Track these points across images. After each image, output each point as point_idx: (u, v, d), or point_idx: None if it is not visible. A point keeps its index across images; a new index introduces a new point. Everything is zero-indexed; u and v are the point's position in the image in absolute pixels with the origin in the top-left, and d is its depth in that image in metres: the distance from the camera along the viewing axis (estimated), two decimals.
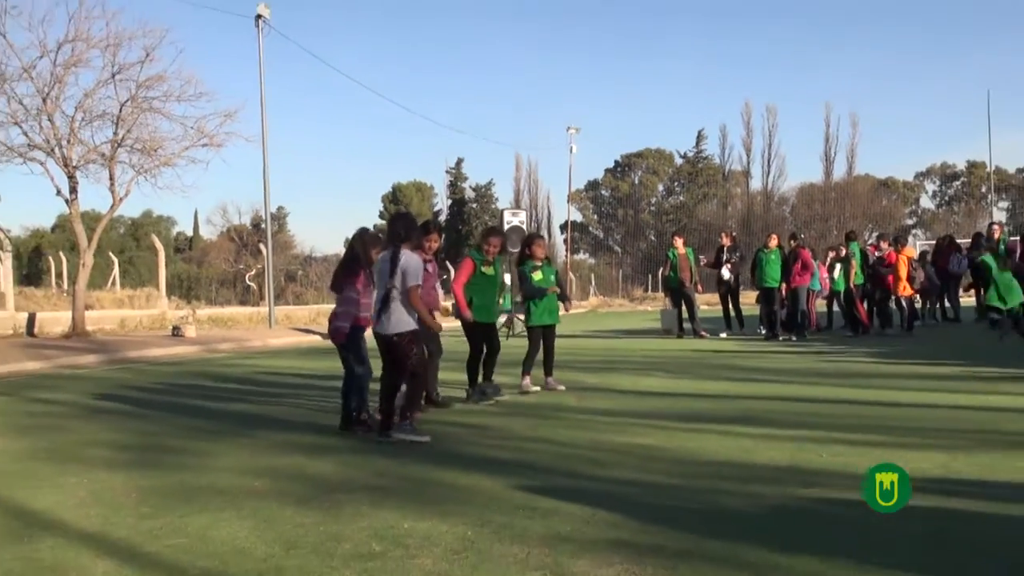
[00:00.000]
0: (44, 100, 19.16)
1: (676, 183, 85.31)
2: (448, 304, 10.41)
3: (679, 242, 19.96)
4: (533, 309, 10.13)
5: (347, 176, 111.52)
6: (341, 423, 7.74)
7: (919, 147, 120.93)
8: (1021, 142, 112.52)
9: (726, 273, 19.66)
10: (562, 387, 10.17)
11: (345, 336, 7.73)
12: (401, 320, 7.13)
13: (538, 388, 10.10)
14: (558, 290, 10.32)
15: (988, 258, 15.75)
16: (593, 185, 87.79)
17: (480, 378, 9.59)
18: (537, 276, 10.14)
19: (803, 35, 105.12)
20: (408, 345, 7.15)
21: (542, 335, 10.19)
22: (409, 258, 7.11)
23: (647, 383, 10.81)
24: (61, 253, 31.85)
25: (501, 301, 10.48)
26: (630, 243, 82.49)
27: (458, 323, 9.71)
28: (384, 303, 7.13)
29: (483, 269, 9.55)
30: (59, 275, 31.49)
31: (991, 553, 3.93)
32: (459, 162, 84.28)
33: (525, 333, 10.52)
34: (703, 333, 19.14)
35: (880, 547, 4.03)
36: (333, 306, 7.98)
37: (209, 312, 27.16)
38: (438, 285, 9.15)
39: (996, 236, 17.62)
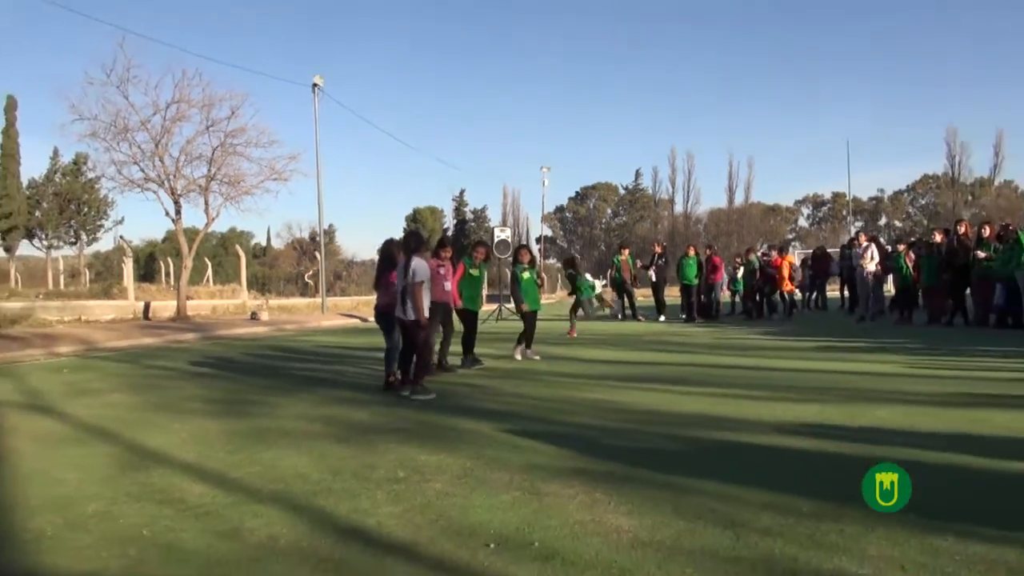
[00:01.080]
0: (156, 145, 19.08)
1: (620, 208, 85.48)
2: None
3: (624, 252, 20.10)
4: (525, 300, 10.17)
5: (379, 201, 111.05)
6: (384, 383, 7.73)
7: (797, 181, 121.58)
8: (871, 178, 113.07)
9: (652, 276, 19.80)
10: (537, 357, 10.15)
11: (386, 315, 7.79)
12: (409, 310, 7.18)
13: (538, 357, 10.12)
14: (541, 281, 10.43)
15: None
16: (560, 209, 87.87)
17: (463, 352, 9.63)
18: (526, 275, 10.21)
19: (714, 95, 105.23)
20: (418, 327, 7.17)
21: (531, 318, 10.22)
22: (417, 263, 7.15)
23: (600, 354, 10.82)
24: (168, 258, 31.64)
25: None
26: (587, 252, 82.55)
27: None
28: (402, 296, 7.19)
29: (471, 271, 9.63)
30: (167, 275, 31.28)
31: (853, 475, 3.95)
32: (462, 192, 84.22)
33: (514, 316, 10.55)
34: (640, 318, 19.17)
35: (772, 474, 4.04)
36: (371, 296, 8.02)
37: (278, 302, 27.06)
38: (448, 284, 9.14)
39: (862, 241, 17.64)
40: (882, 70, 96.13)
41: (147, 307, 20.10)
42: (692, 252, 18.75)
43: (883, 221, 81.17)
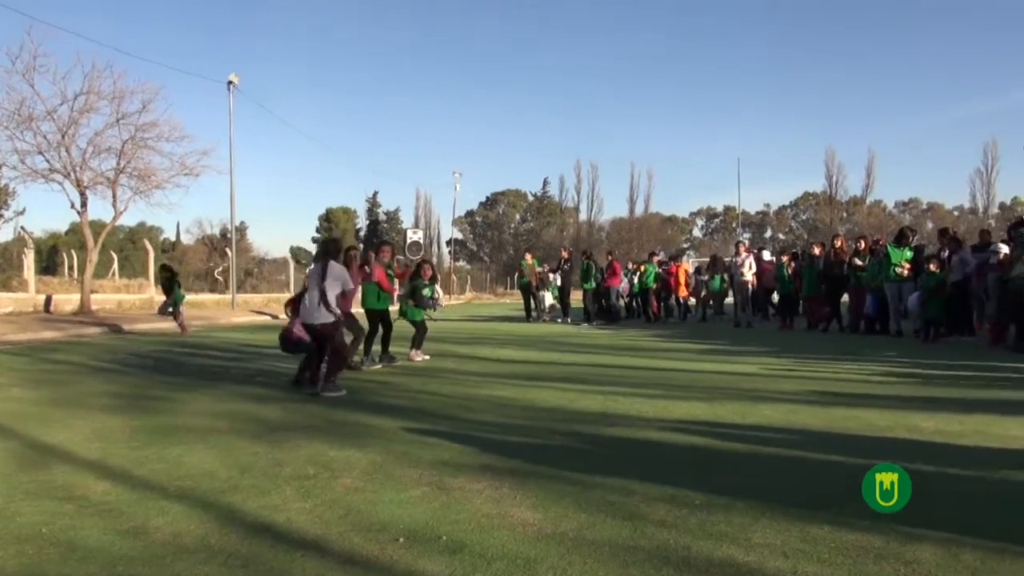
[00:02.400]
0: (63, 136, 18.05)
1: (528, 214, 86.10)
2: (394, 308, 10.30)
3: (529, 256, 20.36)
4: (414, 309, 10.06)
5: (292, 200, 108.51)
6: (295, 377, 7.53)
7: (693, 194, 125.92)
8: (759, 193, 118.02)
9: (558, 279, 20.02)
10: (427, 356, 10.07)
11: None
12: (323, 313, 7.09)
13: (428, 356, 10.03)
14: (440, 302, 10.35)
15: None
16: (470, 213, 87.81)
17: (382, 350, 9.53)
18: (426, 292, 10.12)
19: (617, 108, 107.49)
20: (333, 329, 7.09)
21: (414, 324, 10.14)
22: (339, 269, 7.16)
23: (504, 353, 10.87)
24: (72, 251, 29.96)
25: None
26: (496, 255, 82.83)
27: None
28: (315, 300, 7.07)
29: (388, 271, 9.56)
30: (71, 268, 29.62)
31: (743, 471, 4.08)
32: (375, 194, 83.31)
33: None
34: (545, 318, 19.43)
35: (667, 468, 4.13)
36: (279, 294, 7.86)
37: (187, 298, 26.05)
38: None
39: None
40: (771, 92, 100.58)
41: (48, 300, 18.99)
42: (584, 258, 19.42)
43: (768, 233, 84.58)
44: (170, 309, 15.50)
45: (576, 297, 21.32)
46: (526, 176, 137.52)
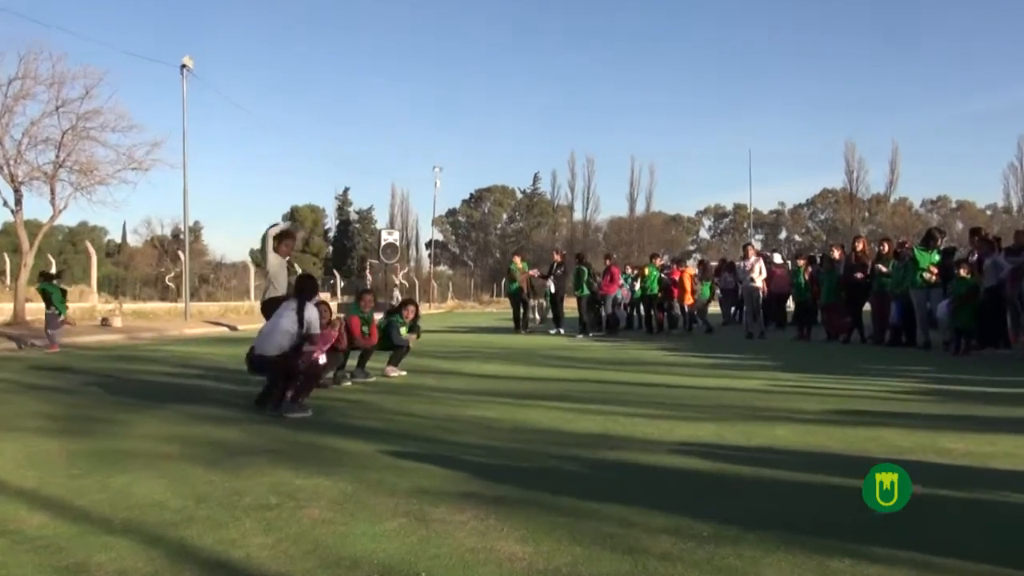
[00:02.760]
0: None
1: (517, 213, 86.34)
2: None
3: (517, 259, 20.32)
4: (394, 334, 10.09)
5: (253, 197, 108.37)
6: (258, 397, 7.49)
7: (699, 192, 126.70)
8: (772, 191, 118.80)
9: (551, 286, 20.01)
10: (403, 373, 10.07)
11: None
12: (281, 344, 7.18)
13: (404, 372, 10.03)
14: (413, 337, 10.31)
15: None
16: (452, 212, 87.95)
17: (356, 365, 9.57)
18: (403, 331, 10.09)
19: (615, 98, 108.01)
20: (285, 364, 7.12)
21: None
22: (312, 315, 7.27)
23: (490, 368, 10.88)
24: (5, 255, 29.73)
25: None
26: (480, 259, 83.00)
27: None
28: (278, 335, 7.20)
29: (362, 318, 9.66)
30: (3, 273, 29.43)
31: (754, 499, 4.10)
32: (346, 190, 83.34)
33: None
34: (529, 331, 19.49)
35: (670, 496, 4.14)
36: (242, 302, 7.89)
37: (134, 307, 25.94)
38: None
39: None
40: (785, 81, 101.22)
41: None
42: (578, 261, 19.47)
43: (783, 234, 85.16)
44: (61, 319, 14.85)
45: (570, 306, 21.38)
46: (514, 171, 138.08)
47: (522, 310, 19.99)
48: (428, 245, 72.07)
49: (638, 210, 77.24)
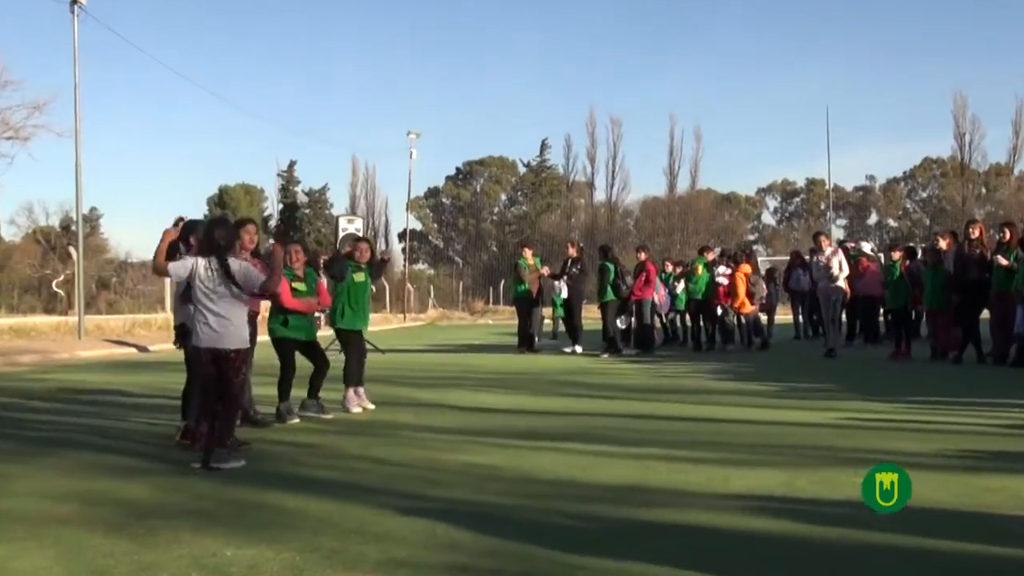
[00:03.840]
0: None
1: (519, 192, 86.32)
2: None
3: (527, 252, 20.08)
4: (348, 313, 9.91)
5: (168, 176, 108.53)
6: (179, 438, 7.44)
7: (761, 162, 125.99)
8: (859, 160, 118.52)
9: (563, 290, 19.82)
10: (371, 406, 9.96)
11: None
12: (239, 335, 7.00)
13: (372, 405, 9.99)
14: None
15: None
16: (433, 192, 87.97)
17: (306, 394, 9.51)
18: (358, 278, 9.95)
19: (647, 41, 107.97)
20: (240, 362, 7.04)
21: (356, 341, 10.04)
22: (243, 266, 7.02)
23: (485, 399, 10.87)
24: None
25: None
26: (471, 254, 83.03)
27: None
28: (212, 313, 6.93)
29: (295, 285, 9.36)
30: None
31: (836, 571, 4.06)
32: (291, 165, 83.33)
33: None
34: (537, 348, 19.43)
35: (722, 567, 4.11)
36: (153, 315, 7.79)
37: (10, 322, 25.96)
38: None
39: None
40: (874, 17, 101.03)
41: None
42: (603, 256, 19.23)
43: (873, 218, 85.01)
44: None
45: (591, 315, 21.33)
46: (515, 137, 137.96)
47: (531, 321, 19.83)
48: (402, 236, 72.22)
49: (680, 187, 77.53)
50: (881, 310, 18.91)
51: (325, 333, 11.17)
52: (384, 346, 14.93)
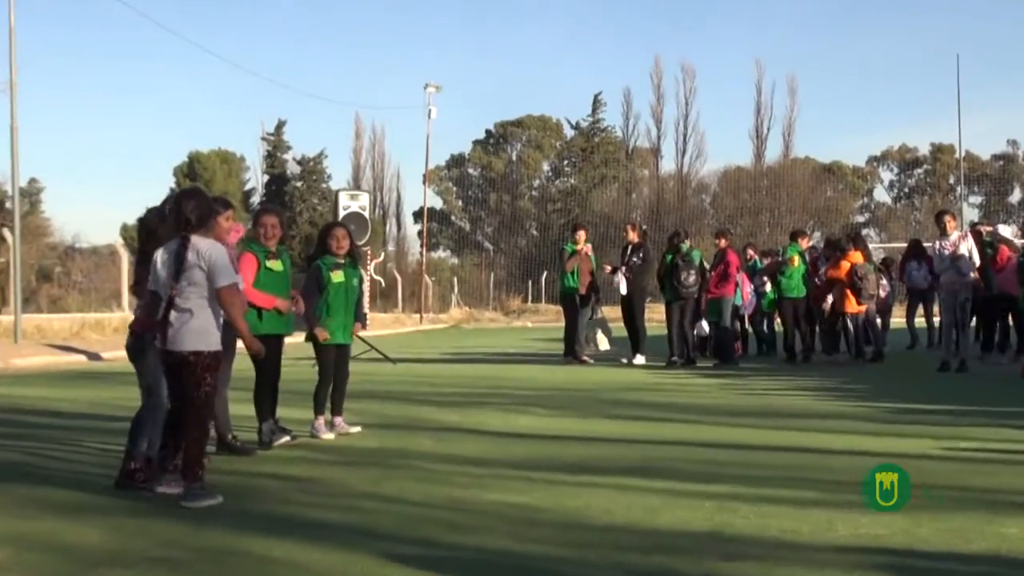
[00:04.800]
0: None
1: (566, 161, 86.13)
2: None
3: (581, 236, 19.93)
4: (326, 323, 9.90)
5: (125, 142, 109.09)
6: (119, 476, 7.50)
7: (873, 125, 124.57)
8: (997, 122, 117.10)
9: (622, 284, 19.57)
10: (356, 428, 9.98)
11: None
12: (201, 333, 7.00)
13: (358, 427, 10.01)
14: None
15: None
16: (458, 161, 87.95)
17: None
18: (335, 278, 9.89)
19: None
20: (203, 369, 7.03)
21: (335, 359, 10.00)
22: (212, 249, 6.99)
23: (522, 423, 10.89)
24: None
25: None
26: (505, 238, 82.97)
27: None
28: (166, 312, 6.97)
29: (269, 264, 9.35)
30: None
31: None
32: (280, 126, 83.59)
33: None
34: (584, 358, 19.37)
35: None
36: (115, 314, 7.82)
37: None
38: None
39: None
40: None
41: None
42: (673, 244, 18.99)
43: (1016, 196, 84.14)
44: None
45: (655, 317, 21.28)
46: (561, 92, 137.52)
47: (577, 322, 19.77)
48: (418, 216, 72.39)
49: (769, 155, 77.11)
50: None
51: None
52: (395, 355, 14.98)
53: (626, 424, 10.69)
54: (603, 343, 21.06)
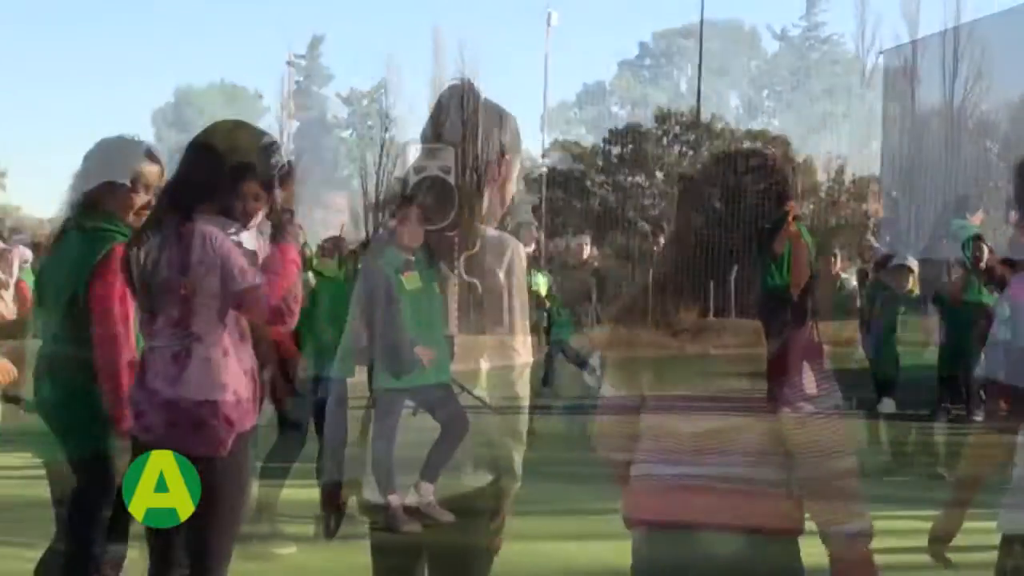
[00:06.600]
0: None
1: (766, 91, 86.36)
2: None
3: (790, 211, 20.06)
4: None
5: (89, 83, 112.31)
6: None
7: None
8: None
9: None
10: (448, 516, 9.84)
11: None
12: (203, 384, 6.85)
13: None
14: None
15: None
16: (592, 96, 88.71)
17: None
18: (409, 283, 9.68)
19: None
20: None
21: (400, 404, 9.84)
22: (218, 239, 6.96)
23: None
24: None
25: None
26: (672, 216, 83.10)
27: None
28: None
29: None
30: None
31: None
32: (314, 44, 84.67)
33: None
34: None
35: None
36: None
37: None
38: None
39: None
40: None
41: None
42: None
43: None
44: None
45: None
46: None
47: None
48: (535, 181, 72.85)
49: None
50: None
51: None
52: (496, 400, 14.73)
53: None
54: None
